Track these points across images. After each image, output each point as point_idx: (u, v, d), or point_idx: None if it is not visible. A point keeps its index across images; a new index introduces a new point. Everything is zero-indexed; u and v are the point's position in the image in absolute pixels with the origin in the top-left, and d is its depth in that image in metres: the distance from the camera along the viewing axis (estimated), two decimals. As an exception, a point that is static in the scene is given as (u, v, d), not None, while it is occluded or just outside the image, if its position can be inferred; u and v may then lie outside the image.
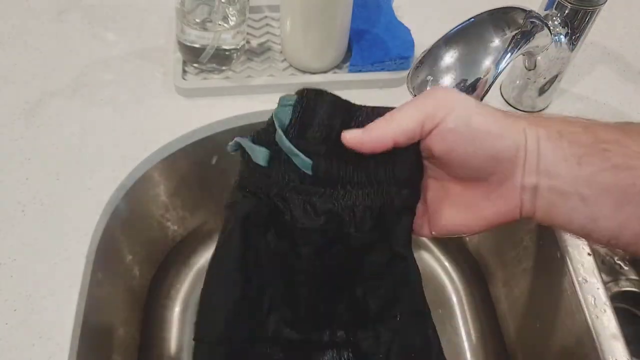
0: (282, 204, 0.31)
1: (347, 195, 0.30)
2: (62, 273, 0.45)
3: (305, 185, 0.31)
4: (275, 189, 0.31)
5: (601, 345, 0.46)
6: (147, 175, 0.55)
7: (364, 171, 0.30)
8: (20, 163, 0.51)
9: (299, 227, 0.31)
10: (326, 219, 0.31)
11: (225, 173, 0.65)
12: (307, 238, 0.31)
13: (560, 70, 0.55)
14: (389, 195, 0.31)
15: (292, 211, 0.31)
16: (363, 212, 0.30)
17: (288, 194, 0.31)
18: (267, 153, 0.31)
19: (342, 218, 0.31)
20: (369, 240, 0.31)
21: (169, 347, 0.65)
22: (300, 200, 0.31)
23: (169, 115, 0.56)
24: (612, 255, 0.72)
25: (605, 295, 0.49)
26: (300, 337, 0.33)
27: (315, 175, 0.30)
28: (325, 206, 0.30)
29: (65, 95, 0.57)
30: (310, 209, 0.31)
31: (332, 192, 0.31)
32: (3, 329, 0.42)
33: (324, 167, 0.30)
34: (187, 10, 0.55)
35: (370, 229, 0.31)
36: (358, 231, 0.31)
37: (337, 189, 0.31)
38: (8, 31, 0.63)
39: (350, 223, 0.31)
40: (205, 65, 0.58)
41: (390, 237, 0.31)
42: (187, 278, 0.70)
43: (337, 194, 0.31)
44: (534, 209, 0.31)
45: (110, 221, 0.51)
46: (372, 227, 0.31)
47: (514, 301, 0.64)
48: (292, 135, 0.31)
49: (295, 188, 0.31)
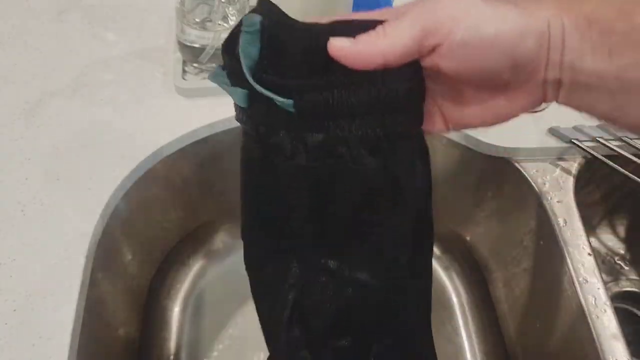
0: (273, 143, 0.29)
1: (338, 127, 0.28)
2: (62, 273, 0.45)
3: (293, 121, 0.28)
4: (263, 129, 0.29)
5: (601, 345, 0.46)
6: (147, 175, 0.55)
7: (354, 97, 0.27)
8: (20, 163, 0.51)
9: (293, 165, 0.29)
10: (318, 155, 0.28)
11: (225, 173, 0.65)
12: (303, 177, 0.29)
13: (560, 70, 0.55)
14: (384, 122, 0.28)
15: (284, 150, 0.29)
16: (358, 143, 0.28)
17: (276, 132, 0.29)
18: (244, 94, 0.29)
19: (336, 152, 0.28)
20: (369, 173, 0.29)
21: (169, 347, 0.65)
22: (290, 138, 0.28)
23: (169, 115, 0.56)
24: (613, 255, 0.72)
25: (606, 295, 0.49)
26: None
27: (300, 112, 0.27)
28: (316, 141, 0.28)
29: (65, 95, 0.57)
30: (301, 146, 0.28)
31: (321, 124, 0.28)
32: (3, 329, 0.42)
33: (307, 103, 0.27)
34: (187, 10, 0.55)
35: (367, 161, 0.28)
36: (355, 164, 0.28)
37: (326, 120, 0.28)
38: (8, 31, 0.63)
39: (346, 156, 0.28)
40: (205, 65, 0.58)
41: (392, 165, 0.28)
42: (187, 278, 0.70)
43: (328, 125, 0.28)
44: (557, 98, 0.28)
45: (110, 221, 0.51)
46: (369, 158, 0.28)
47: (514, 301, 0.64)
48: (264, 71, 0.27)
49: (284, 125, 0.28)
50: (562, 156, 0.57)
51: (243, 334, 0.67)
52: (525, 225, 0.59)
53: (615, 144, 0.55)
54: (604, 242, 0.72)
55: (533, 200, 0.56)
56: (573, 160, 0.57)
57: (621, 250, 0.72)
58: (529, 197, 0.57)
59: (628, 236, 0.72)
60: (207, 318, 0.67)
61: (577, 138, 0.56)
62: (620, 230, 0.72)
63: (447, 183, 0.67)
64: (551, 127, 0.57)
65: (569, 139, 0.56)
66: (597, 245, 0.72)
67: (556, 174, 0.57)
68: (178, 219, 0.68)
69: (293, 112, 0.27)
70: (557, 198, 0.55)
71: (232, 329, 0.67)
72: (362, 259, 0.31)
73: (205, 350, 0.65)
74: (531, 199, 0.57)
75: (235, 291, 0.69)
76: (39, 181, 0.50)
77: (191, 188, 0.65)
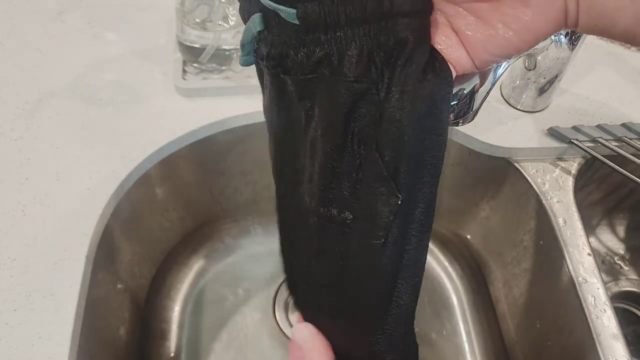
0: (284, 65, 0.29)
1: (339, 38, 0.27)
2: (62, 273, 0.45)
3: (300, 35, 0.27)
4: (274, 51, 0.29)
5: (601, 345, 0.46)
6: (147, 175, 0.55)
7: (355, 6, 0.27)
8: (20, 163, 0.51)
9: (298, 79, 0.28)
10: (316, 67, 0.28)
11: (225, 173, 0.65)
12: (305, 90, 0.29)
13: (560, 70, 0.55)
14: (384, 31, 0.26)
15: (291, 66, 0.28)
16: (352, 55, 0.27)
17: (285, 51, 0.28)
18: (259, 16, 0.29)
19: (333, 63, 0.27)
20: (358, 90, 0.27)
21: (169, 347, 0.65)
22: (296, 53, 0.28)
23: (169, 115, 0.56)
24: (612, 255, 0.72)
25: (605, 295, 0.49)
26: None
27: (304, 24, 0.27)
28: (317, 53, 0.27)
29: (65, 95, 0.57)
30: (305, 60, 0.28)
31: (325, 37, 0.27)
32: (3, 329, 0.42)
33: (310, 11, 0.26)
34: (187, 10, 0.55)
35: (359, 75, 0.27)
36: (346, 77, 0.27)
37: (329, 32, 0.27)
38: (8, 31, 0.63)
39: (341, 68, 0.27)
40: (205, 65, 0.58)
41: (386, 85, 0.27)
42: (187, 278, 0.70)
43: (330, 38, 0.27)
44: (577, 11, 0.26)
45: (110, 221, 0.51)
46: (361, 72, 0.27)
47: (514, 301, 0.64)
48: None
49: (291, 42, 0.28)
50: (562, 156, 0.57)
51: (243, 334, 0.67)
52: (525, 225, 0.59)
53: (614, 144, 0.55)
54: (603, 242, 0.72)
55: (533, 200, 0.56)
56: (573, 160, 0.57)
57: (621, 250, 0.72)
58: (528, 197, 0.57)
59: (628, 236, 0.72)
60: (207, 318, 0.67)
61: (577, 138, 0.56)
62: (620, 230, 0.72)
63: (447, 183, 0.67)
64: (551, 127, 0.57)
65: (568, 139, 0.56)
66: (597, 245, 0.72)
67: (556, 174, 0.57)
68: (178, 219, 0.68)
69: (299, 25, 0.27)
70: (556, 198, 0.55)
71: (232, 329, 0.67)
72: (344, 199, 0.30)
73: (205, 350, 0.65)
74: (531, 199, 0.57)
75: (235, 291, 0.69)
76: (39, 181, 0.50)
77: (191, 188, 0.65)
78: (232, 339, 0.66)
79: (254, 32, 0.29)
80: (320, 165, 0.29)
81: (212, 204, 0.69)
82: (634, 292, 0.69)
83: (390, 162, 0.28)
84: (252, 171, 0.67)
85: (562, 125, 0.57)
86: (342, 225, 0.30)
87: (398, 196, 0.28)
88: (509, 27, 0.27)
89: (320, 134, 0.29)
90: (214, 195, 0.68)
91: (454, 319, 0.69)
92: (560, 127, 0.57)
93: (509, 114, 0.59)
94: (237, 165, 0.65)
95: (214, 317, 0.67)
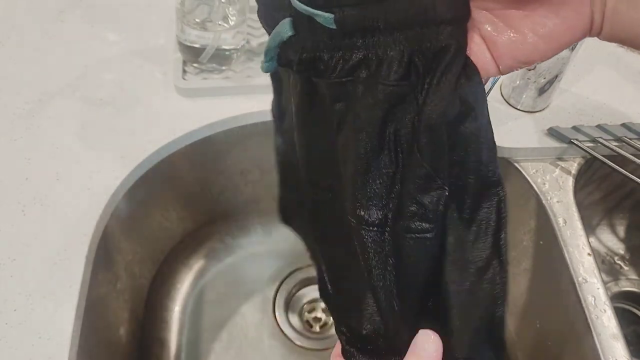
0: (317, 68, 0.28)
1: (378, 43, 0.27)
2: (62, 273, 0.45)
3: (336, 39, 0.27)
4: (306, 55, 0.28)
5: (601, 345, 0.46)
6: (147, 175, 0.55)
7: (396, 12, 0.26)
8: (20, 163, 0.51)
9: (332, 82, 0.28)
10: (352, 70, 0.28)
11: (225, 173, 0.65)
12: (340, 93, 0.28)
13: (560, 70, 0.55)
14: (426, 37, 0.26)
15: (325, 69, 0.28)
16: (392, 60, 0.27)
17: (319, 55, 0.28)
18: (289, 21, 0.29)
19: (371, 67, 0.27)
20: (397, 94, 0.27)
21: (169, 347, 0.65)
22: (331, 56, 0.28)
23: (169, 115, 0.56)
24: (612, 255, 0.72)
25: (605, 295, 0.49)
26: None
27: (342, 29, 0.27)
28: (356, 59, 0.27)
29: (65, 95, 0.57)
30: (341, 63, 0.28)
31: (362, 42, 0.27)
32: (3, 329, 0.42)
33: (348, 16, 0.26)
34: (187, 10, 0.55)
35: (400, 78, 0.27)
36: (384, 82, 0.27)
37: (367, 36, 0.27)
38: (8, 31, 0.63)
39: (379, 72, 0.27)
40: (205, 65, 0.58)
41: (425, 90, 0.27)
42: (187, 278, 0.70)
43: (367, 42, 0.27)
44: (602, 20, 0.27)
45: (110, 221, 0.51)
46: (402, 76, 0.27)
47: (513, 301, 0.64)
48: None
49: (326, 46, 0.28)
50: (562, 156, 0.57)
51: (243, 334, 0.67)
52: (525, 225, 0.59)
53: (614, 144, 0.55)
54: (603, 242, 0.72)
55: (533, 200, 0.56)
56: (573, 160, 0.57)
57: (621, 250, 0.72)
58: (528, 197, 0.57)
59: (628, 236, 0.72)
60: (207, 318, 0.67)
61: (577, 138, 0.56)
62: (620, 230, 0.72)
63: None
64: (551, 127, 0.57)
65: (568, 139, 0.56)
66: (597, 245, 0.72)
67: (556, 174, 0.57)
68: (178, 219, 0.68)
69: (335, 29, 0.27)
70: (556, 198, 0.55)
71: (232, 329, 0.67)
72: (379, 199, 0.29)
73: (205, 350, 0.65)
74: (531, 199, 0.57)
75: (235, 291, 0.69)
76: (39, 181, 0.50)
77: (191, 188, 0.65)
78: (232, 339, 0.66)
79: (284, 37, 0.29)
80: (354, 167, 0.29)
81: (212, 204, 0.69)
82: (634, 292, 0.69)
83: (430, 162, 0.28)
84: (252, 171, 0.67)
85: (562, 125, 0.57)
86: (381, 226, 0.30)
87: (444, 188, 0.28)
88: (537, 35, 0.27)
89: (355, 136, 0.29)
90: (214, 195, 0.68)
91: (454, 319, 0.69)
92: (560, 127, 0.57)
93: (509, 114, 0.59)
94: (237, 165, 0.65)
95: (214, 317, 0.67)
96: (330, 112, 0.29)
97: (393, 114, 0.28)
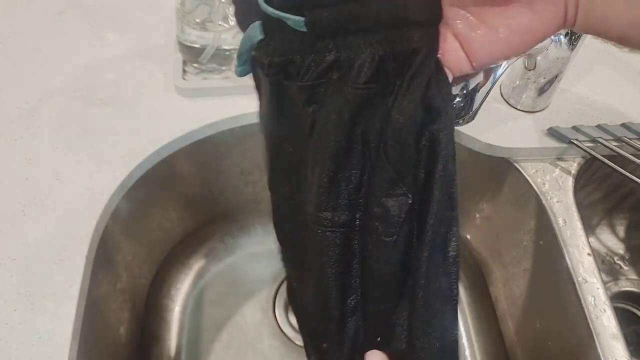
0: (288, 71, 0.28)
1: (349, 45, 0.27)
2: (62, 273, 0.45)
3: (307, 43, 0.27)
4: (278, 59, 0.28)
5: (601, 345, 0.46)
6: (147, 175, 0.55)
7: (367, 14, 0.26)
8: (20, 163, 0.51)
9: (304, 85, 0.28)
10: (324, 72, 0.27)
11: (225, 173, 0.65)
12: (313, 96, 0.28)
13: (560, 70, 0.55)
14: (397, 40, 0.26)
15: (297, 72, 0.28)
16: (363, 62, 0.27)
17: (291, 58, 0.28)
18: (258, 24, 0.28)
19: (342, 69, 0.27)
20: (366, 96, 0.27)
21: (169, 347, 0.65)
22: (303, 59, 0.28)
23: (169, 115, 0.56)
24: (612, 255, 0.72)
25: (605, 295, 0.49)
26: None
27: (313, 30, 0.27)
28: (328, 61, 0.27)
29: (65, 95, 0.57)
30: (313, 66, 0.28)
31: (334, 43, 0.27)
32: (3, 329, 0.42)
33: (319, 18, 0.26)
34: (187, 10, 0.55)
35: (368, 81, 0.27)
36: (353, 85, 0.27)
37: (337, 38, 0.27)
38: (8, 31, 0.63)
39: (350, 73, 0.27)
40: (205, 65, 0.58)
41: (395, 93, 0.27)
42: (187, 278, 0.70)
43: (339, 44, 0.27)
44: (576, 13, 0.27)
45: (110, 221, 0.51)
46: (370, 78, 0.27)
47: (514, 301, 0.64)
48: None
49: (297, 49, 0.28)
50: (562, 156, 0.57)
51: (243, 334, 0.67)
52: (525, 225, 0.59)
53: (614, 144, 0.55)
54: (603, 242, 0.72)
55: (532, 200, 0.56)
56: (572, 160, 0.57)
57: (621, 250, 0.72)
58: (528, 197, 0.57)
59: (628, 236, 0.72)
60: (207, 318, 0.67)
61: (577, 138, 0.56)
62: (619, 230, 0.73)
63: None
64: (550, 127, 0.57)
65: (568, 139, 0.56)
66: (597, 245, 0.72)
67: (556, 174, 0.57)
68: (178, 219, 0.68)
69: (305, 32, 0.27)
70: (556, 198, 0.55)
71: (232, 329, 0.67)
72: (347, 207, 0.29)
73: (205, 350, 0.65)
74: (531, 199, 0.57)
75: (235, 291, 0.69)
76: (39, 181, 0.50)
77: (191, 188, 0.65)
78: (232, 339, 0.66)
79: (254, 41, 0.29)
80: (322, 168, 0.29)
81: (212, 204, 0.69)
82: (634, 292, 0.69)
83: (396, 165, 0.28)
84: (252, 171, 0.67)
85: (562, 125, 0.57)
86: (347, 226, 0.30)
87: (408, 196, 0.28)
88: (511, 30, 0.27)
89: (325, 136, 0.29)
90: (214, 195, 0.68)
91: (454, 319, 0.69)
92: (560, 127, 0.57)
93: (509, 114, 0.59)
94: (237, 165, 0.65)
95: (214, 317, 0.67)
96: (302, 115, 0.29)
97: (362, 116, 0.28)
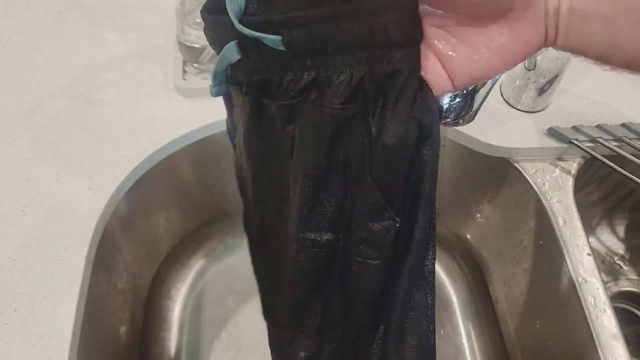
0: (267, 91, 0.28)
1: (327, 64, 0.26)
2: (62, 273, 0.45)
3: (285, 62, 0.27)
4: (256, 78, 0.28)
5: (601, 345, 0.46)
6: (147, 175, 0.55)
7: (346, 33, 0.25)
8: (20, 163, 0.51)
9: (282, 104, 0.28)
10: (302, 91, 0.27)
11: (225, 173, 0.65)
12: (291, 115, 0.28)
13: (560, 70, 0.55)
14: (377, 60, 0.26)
15: (276, 91, 0.28)
16: (341, 82, 0.26)
17: (270, 77, 0.27)
18: (234, 44, 0.28)
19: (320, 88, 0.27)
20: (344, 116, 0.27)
21: (169, 347, 0.65)
22: (282, 78, 0.27)
23: (169, 115, 0.56)
24: (612, 255, 0.72)
25: (605, 295, 0.49)
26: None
27: (290, 49, 0.26)
28: (305, 78, 0.27)
29: (65, 95, 0.57)
30: (291, 85, 0.27)
31: (312, 62, 0.26)
32: (3, 329, 0.42)
33: (297, 38, 0.26)
34: (187, 10, 0.55)
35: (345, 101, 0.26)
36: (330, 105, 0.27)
37: (316, 58, 0.26)
38: (8, 31, 0.63)
39: (327, 93, 0.27)
40: (205, 65, 0.58)
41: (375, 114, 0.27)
42: (187, 278, 0.70)
43: (317, 63, 0.26)
44: (556, 34, 0.27)
45: (110, 221, 0.51)
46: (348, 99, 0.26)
47: (513, 301, 0.64)
48: (254, 10, 0.26)
49: (276, 68, 0.27)
50: (562, 156, 0.57)
51: (243, 334, 0.67)
52: (525, 225, 0.59)
53: (614, 144, 0.55)
54: (603, 242, 0.72)
55: (532, 200, 0.56)
56: (572, 160, 0.57)
57: (621, 250, 0.72)
58: (528, 197, 0.57)
59: (627, 236, 0.72)
60: (207, 318, 0.67)
61: (577, 138, 0.56)
62: (619, 230, 0.73)
63: (447, 183, 0.67)
64: (550, 127, 0.57)
65: (568, 139, 0.56)
66: (597, 245, 0.72)
67: (555, 174, 0.57)
68: (178, 219, 0.68)
69: (284, 51, 0.26)
70: (556, 198, 0.55)
71: (232, 329, 0.67)
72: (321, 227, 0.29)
73: (205, 350, 0.65)
74: (531, 199, 0.57)
75: (235, 291, 0.69)
76: (39, 181, 0.50)
77: (191, 188, 0.65)
78: (232, 339, 0.66)
79: (232, 61, 0.28)
80: (302, 189, 0.28)
81: (212, 203, 0.69)
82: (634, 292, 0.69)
83: (384, 187, 0.28)
84: (252, 171, 0.67)
85: (562, 125, 0.57)
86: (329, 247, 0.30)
87: (396, 219, 0.28)
88: (492, 50, 0.27)
89: (304, 156, 0.28)
90: (214, 195, 0.68)
91: (454, 319, 0.69)
92: (560, 127, 0.57)
93: (508, 114, 0.59)
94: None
95: (214, 317, 0.67)
96: (281, 134, 0.29)
97: (341, 136, 0.27)
